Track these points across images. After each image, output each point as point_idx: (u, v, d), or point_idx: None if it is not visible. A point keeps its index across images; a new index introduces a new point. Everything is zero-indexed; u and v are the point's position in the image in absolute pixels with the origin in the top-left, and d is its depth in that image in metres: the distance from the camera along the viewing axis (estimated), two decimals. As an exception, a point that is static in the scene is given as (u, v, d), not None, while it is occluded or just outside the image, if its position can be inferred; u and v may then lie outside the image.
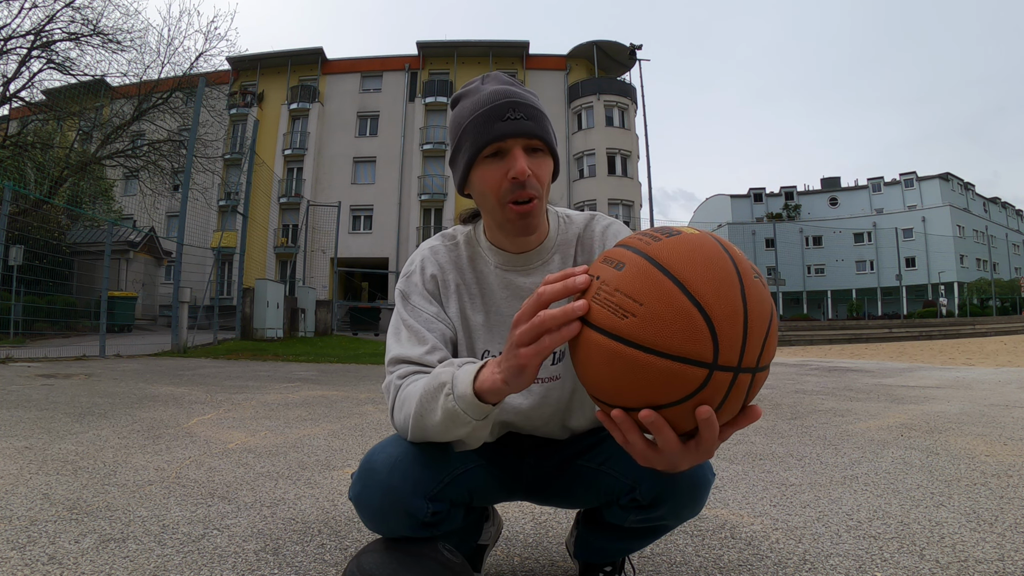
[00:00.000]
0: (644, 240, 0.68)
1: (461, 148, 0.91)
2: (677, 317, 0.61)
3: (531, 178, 0.87)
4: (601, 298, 0.65)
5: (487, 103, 0.88)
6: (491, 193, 0.89)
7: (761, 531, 1.49)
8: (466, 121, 0.89)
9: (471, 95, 0.91)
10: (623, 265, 0.65)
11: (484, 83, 0.92)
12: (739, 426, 0.66)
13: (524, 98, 0.89)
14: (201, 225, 12.90)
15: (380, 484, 0.85)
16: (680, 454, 0.67)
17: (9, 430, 2.66)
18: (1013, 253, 45.35)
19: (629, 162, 26.58)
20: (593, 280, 0.67)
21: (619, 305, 0.63)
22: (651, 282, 0.62)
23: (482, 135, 0.87)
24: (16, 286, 9.02)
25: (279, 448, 2.44)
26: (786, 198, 49.47)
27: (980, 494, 1.81)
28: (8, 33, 12.41)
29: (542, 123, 0.89)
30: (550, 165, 0.92)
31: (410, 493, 0.85)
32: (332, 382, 5.17)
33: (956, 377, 5.81)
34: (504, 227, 0.92)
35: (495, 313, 0.98)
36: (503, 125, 0.86)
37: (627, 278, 0.64)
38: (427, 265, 1.00)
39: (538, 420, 1.00)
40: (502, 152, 0.88)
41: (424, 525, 0.88)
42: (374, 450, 0.88)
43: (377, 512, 0.86)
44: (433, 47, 28.07)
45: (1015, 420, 3.20)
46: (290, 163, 27.16)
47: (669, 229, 0.69)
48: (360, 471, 0.87)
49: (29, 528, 1.43)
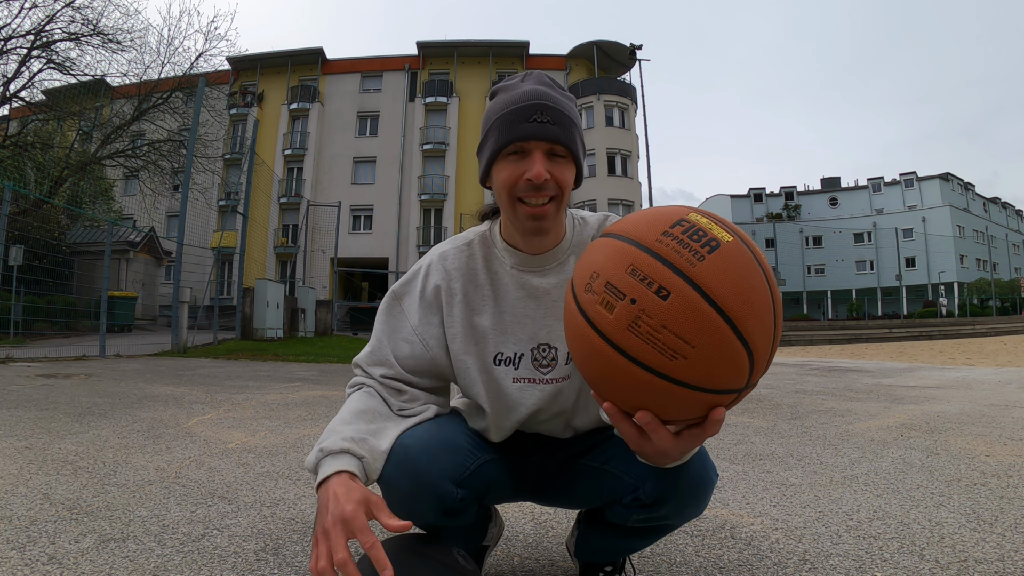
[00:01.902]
0: (684, 255, 0.61)
1: (487, 142, 0.92)
2: (727, 359, 0.60)
3: (549, 181, 0.87)
4: (643, 331, 0.59)
5: (517, 102, 0.88)
6: (505, 189, 0.90)
7: (761, 531, 1.49)
8: (495, 116, 0.90)
9: (507, 91, 0.92)
10: (668, 294, 0.59)
11: (524, 81, 0.93)
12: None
13: (555, 102, 0.89)
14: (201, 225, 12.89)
15: (412, 467, 0.86)
16: (673, 446, 0.69)
17: (9, 430, 2.66)
18: (1013, 253, 45.35)
19: (629, 162, 26.58)
20: (625, 301, 0.61)
21: (667, 344, 0.59)
22: (704, 323, 0.58)
23: (505, 133, 0.88)
24: (16, 286, 9.01)
25: (279, 448, 2.44)
26: (786, 198, 49.47)
27: (980, 494, 1.81)
28: (8, 33, 12.42)
29: (569, 129, 0.89)
30: (572, 171, 0.91)
31: (441, 478, 0.87)
32: (332, 382, 5.17)
33: (956, 377, 5.81)
34: (516, 226, 0.93)
35: (509, 313, 0.98)
36: (528, 126, 0.86)
37: (676, 314, 0.58)
38: (433, 273, 1.00)
39: (544, 416, 1.00)
40: (524, 152, 0.88)
41: (450, 512, 0.89)
42: (406, 435, 0.90)
43: (407, 495, 0.87)
44: (433, 47, 28.07)
45: (1015, 420, 3.20)
46: (290, 163, 27.17)
47: (699, 230, 0.63)
48: (392, 454, 0.88)
49: (29, 528, 1.43)
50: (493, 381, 0.98)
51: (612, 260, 0.64)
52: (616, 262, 0.63)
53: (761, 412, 3.56)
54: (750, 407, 3.76)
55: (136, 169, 14.90)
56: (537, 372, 0.97)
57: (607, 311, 0.61)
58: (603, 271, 0.64)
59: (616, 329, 0.61)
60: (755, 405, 3.87)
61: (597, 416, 1.01)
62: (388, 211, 26.54)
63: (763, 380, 5.60)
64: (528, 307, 0.98)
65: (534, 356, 0.97)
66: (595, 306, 0.63)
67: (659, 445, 0.69)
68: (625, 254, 0.63)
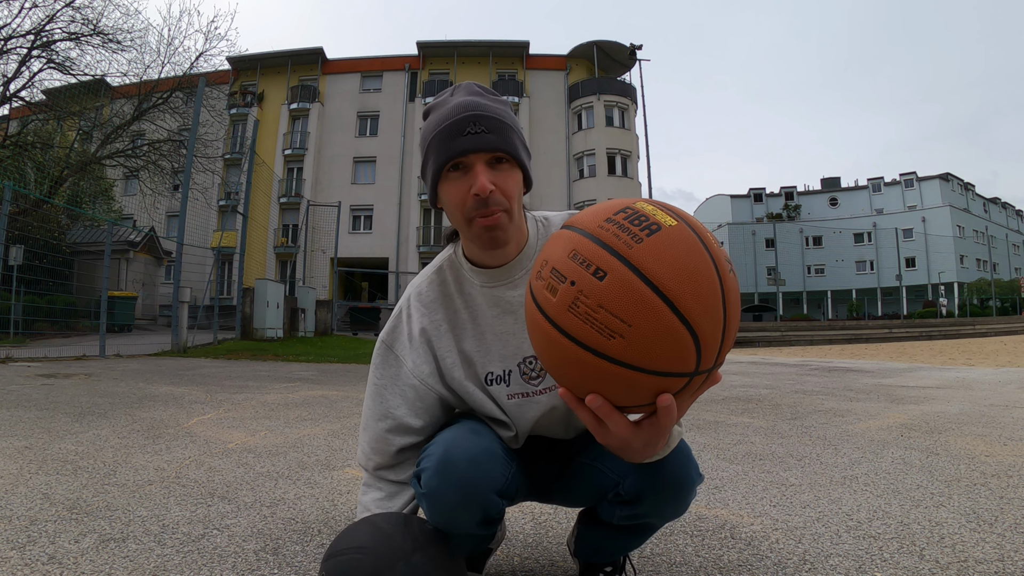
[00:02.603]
0: (622, 238, 0.62)
1: (428, 163, 0.90)
2: (667, 339, 0.60)
3: (494, 193, 0.86)
4: (581, 311, 0.61)
5: (450, 116, 0.87)
6: (456, 210, 0.88)
7: (761, 531, 1.49)
8: (431, 136, 0.89)
9: (438, 108, 0.90)
10: (604, 274, 0.61)
11: (452, 95, 0.91)
12: (695, 398, 0.70)
13: (487, 110, 0.87)
14: (201, 225, 12.90)
15: (460, 479, 0.85)
16: (633, 435, 0.70)
17: (9, 430, 2.66)
18: (1013, 253, 45.38)
19: (629, 162, 26.59)
20: (566, 283, 0.63)
21: (604, 324, 0.60)
22: (639, 301, 0.59)
23: (443, 151, 0.86)
24: (16, 286, 9.01)
25: (279, 448, 2.44)
26: (786, 198, 49.47)
27: (980, 494, 1.81)
28: (8, 33, 12.41)
29: (506, 135, 0.87)
30: (517, 176, 0.90)
31: (488, 489, 0.86)
32: (332, 382, 5.17)
33: (956, 377, 5.81)
34: (475, 242, 0.91)
35: (489, 333, 0.98)
36: (464, 140, 0.85)
37: (611, 293, 0.60)
38: (414, 315, 0.99)
39: (545, 422, 1.01)
40: (464, 167, 0.87)
41: (491, 522, 0.89)
42: (448, 444, 0.88)
43: (453, 506, 0.85)
44: (433, 47, 28.08)
45: (1015, 420, 3.20)
46: (290, 163, 27.18)
47: (641, 216, 0.64)
48: (438, 464, 0.86)
49: (29, 528, 1.43)
50: (492, 400, 0.98)
51: (559, 248, 0.67)
52: (561, 249, 0.66)
53: (761, 412, 3.56)
54: (750, 407, 3.77)
55: (136, 169, 14.89)
56: (528, 385, 0.97)
57: (551, 295, 0.64)
58: (550, 258, 0.67)
59: (558, 311, 0.63)
60: (755, 405, 3.87)
61: None
62: (388, 211, 26.54)
63: (763, 380, 5.60)
64: (505, 323, 0.97)
65: (522, 371, 0.97)
66: (543, 291, 0.66)
67: (617, 432, 0.69)
68: (570, 240, 0.66)
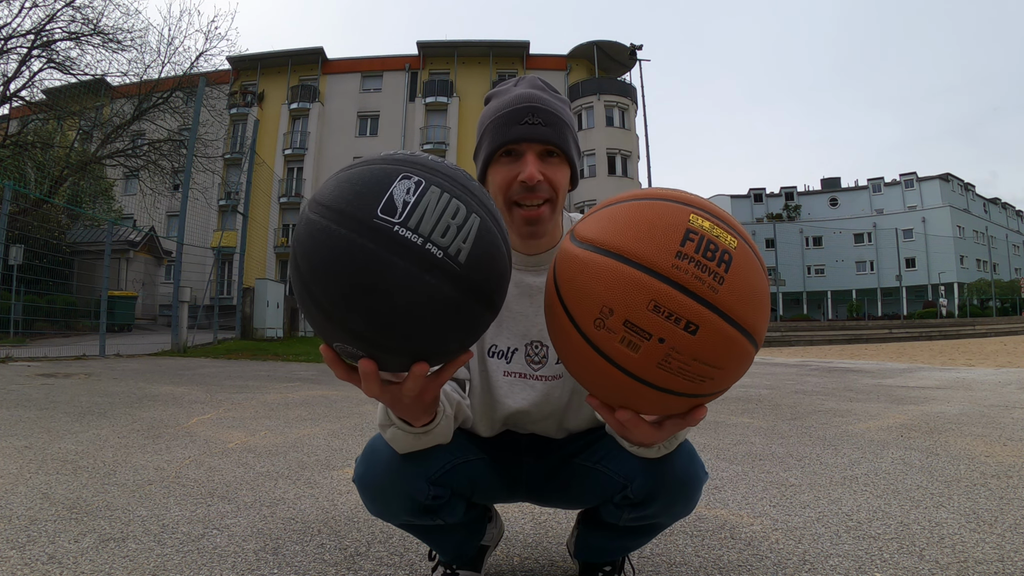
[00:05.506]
0: (706, 281, 0.58)
1: (481, 146, 0.95)
2: (744, 366, 0.64)
3: (542, 183, 0.89)
4: (675, 367, 0.59)
5: (509, 105, 0.91)
6: (500, 192, 0.92)
7: (761, 531, 1.49)
8: (488, 120, 0.93)
9: (500, 95, 0.95)
10: (696, 328, 0.57)
11: (516, 85, 0.96)
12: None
13: (546, 104, 0.91)
14: (201, 225, 12.91)
15: (383, 465, 0.88)
16: (656, 436, 0.72)
17: (9, 430, 2.66)
18: (1013, 254, 45.35)
19: (629, 162, 26.58)
20: (652, 340, 0.58)
21: (697, 373, 0.60)
22: (730, 345, 0.60)
23: (498, 136, 0.90)
24: (16, 285, 9.02)
25: (279, 448, 2.44)
26: (786, 198, 49.45)
27: (980, 495, 1.81)
28: (8, 32, 12.42)
29: (560, 130, 0.91)
30: (566, 171, 0.94)
31: (412, 475, 0.88)
32: (332, 382, 5.17)
33: (956, 378, 5.81)
34: (512, 228, 0.94)
35: (505, 309, 0.99)
36: (520, 129, 0.89)
37: (707, 346, 0.58)
38: None
39: (537, 416, 1.01)
40: (516, 154, 0.90)
41: (425, 509, 0.90)
42: (378, 436, 0.91)
43: (379, 493, 0.89)
44: (433, 47, 28.07)
45: (1015, 421, 3.20)
46: (290, 163, 27.16)
47: (710, 244, 0.59)
48: (364, 454, 0.90)
49: (29, 527, 1.43)
50: (485, 372, 0.99)
51: (626, 293, 0.58)
52: (632, 296, 0.58)
53: (761, 412, 3.56)
54: (750, 407, 3.76)
55: (136, 169, 14.89)
56: (529, 368, 0.99)
57: (631, 351, 0.58)
58: (617, 307, 0.58)
59: (645, 367, 0.59)
60: (755, 405, 3.87)
61: (590, 416, 1.02)
62: (388, 211, 26.50)
63: (763, 380, 5.60)
64: (522, 304, 0.99)
65: (527, 352, 0.99)
66: (614, 344, 0.59)
67: (640, 437, 0.71)
68: (641, 286, 0.57)
